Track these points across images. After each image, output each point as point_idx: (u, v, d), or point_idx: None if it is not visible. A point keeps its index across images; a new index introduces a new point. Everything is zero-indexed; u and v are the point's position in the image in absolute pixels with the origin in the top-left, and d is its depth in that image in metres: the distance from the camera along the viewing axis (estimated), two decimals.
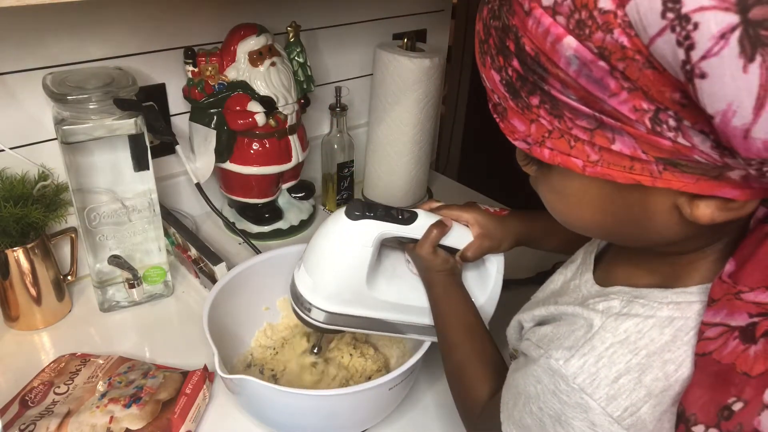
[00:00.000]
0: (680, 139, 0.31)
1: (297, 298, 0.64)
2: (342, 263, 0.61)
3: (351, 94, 1.08)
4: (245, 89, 0.87)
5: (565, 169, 0.36)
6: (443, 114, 1.52)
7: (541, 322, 0.47)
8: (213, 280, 0.82)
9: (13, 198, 0.74)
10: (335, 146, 1.03)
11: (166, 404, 0.66)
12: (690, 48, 0.27)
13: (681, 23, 0.27)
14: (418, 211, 0.62)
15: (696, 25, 0.27)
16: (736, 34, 0.26)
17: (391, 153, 1.07)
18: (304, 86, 0.94)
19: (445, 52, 1.10)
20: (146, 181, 0.80)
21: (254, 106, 0.87)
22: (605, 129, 0.33)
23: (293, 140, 0.94)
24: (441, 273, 0.62)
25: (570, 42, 0.31)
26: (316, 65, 1.03)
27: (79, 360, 0.73)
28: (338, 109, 1.00)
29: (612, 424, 0.38)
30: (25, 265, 0.78)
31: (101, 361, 0.73)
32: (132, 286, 0.84)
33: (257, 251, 0.91)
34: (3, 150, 0.78)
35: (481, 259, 0.66)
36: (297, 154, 0.95)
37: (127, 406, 0.64)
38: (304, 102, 0.97)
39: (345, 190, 1.07)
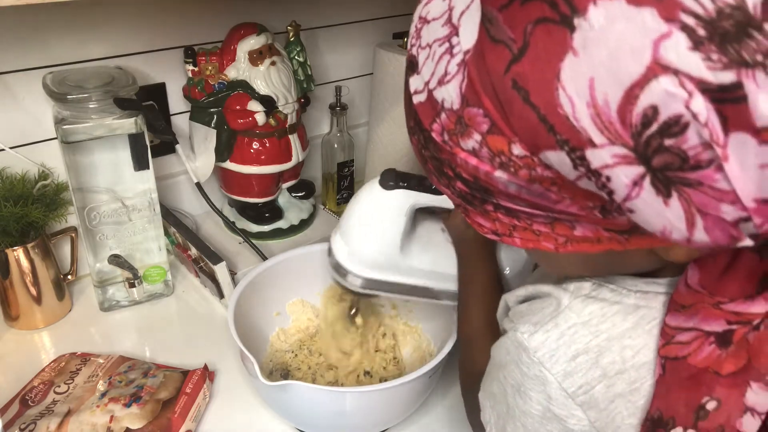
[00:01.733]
0: (633, 219, 0.31)
1: (334, 264, 0.65)
2: (376, 232, 0.63)
3: (351, 93, 1.08)
4: (245, 88, 0.87)
5: None
6: None
7: (523, 301, 0.49)
8: (213, 279, 0.82)
9: (13, 197, 0.74)
10: (335, 145, 1.03)
11: (167, 403, 0.66)
12: (610, 193, 0.29)
13: (594, 175, 0.29)
14: None
15: (608, 178, 0.28)
16: (647, 179, 0.27)
17: (392, 152, 1.07)
18: (304, 85, 0.94)
19: None
20: (146, 180, 0.80)
21: (254, 106, 0.87)
22: (562, 222, 0.34)
23: (293, 139, 0.94)
24: (473, 242, 0.63)
25: (501, 175, 0.32)
26: (316, 64, 1.03)
27: (79, 359, 0.73)
28: (338, 108, 1.00)
29: (566, 399, 0.40)
30: (25, 264, 0.78)
31: (101, 361, 0.73)
32: (132, 286, 0.84)
33: (257, 251, 0.91)
34: (3, 149, 0.78)
35: None
36: (297, 154, 0.95)
37: (128, 405, 0.64)
38: (304, 101, 0.96)
39: (345, 189, 1.07)
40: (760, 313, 0.35)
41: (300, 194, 1.03)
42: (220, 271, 0.80)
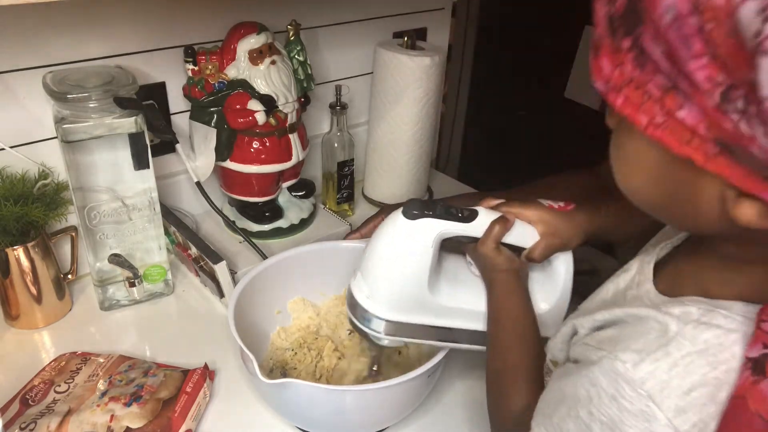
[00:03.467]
0: (742, 125, 0.30)
1: (354, 308, 0.61)
2: (402, 266, 0.58)
3: (351, 92, 1.08)
4: (245, 88, 0.87)
5: (630, 127, 0.36)
6: (443, 112, 1.53)
7: (601, 327, 0.45)
8: (213, 278, 0.82)
9: (13, 197, 0.74)
10: (335, 145, 1.03)
11: (167, 403, 0.66)
12: (766, 20, 0.27)
13: None
14: (478, 208, 0.59)
15: None
16: None
17: (392, 151, 1.07)
18: (304, 85, 0.94)
19: (446, 51, 1.10)
20: (146, 179, 0.80)
21: (254, 105, 0.87)
22: (678, 93, 0.32)
23: (293, 139, 0.94)
24: (504, 272, 0.59)
25: None
26: (316, 64, 1.03)
27: (79, 359, 0.73)
28: (338, 107, 1.00)
29: None
30: (25, 263, 0.78)
31: (102, 360, 0.73)
32: (132, 285, 0.84)
33: (258, 250, 0.91)
34: (3, 149, 0.78)
35: (548, 259, 0.62)
36: (297, 153, 0.95)
37: (128, 404, 0.64)
38: (304, 100, 0.96)
39: (345, 188, 1.07)
40: None
41: (300, 193, 1.03)
42: (221, 270, 0.80)
